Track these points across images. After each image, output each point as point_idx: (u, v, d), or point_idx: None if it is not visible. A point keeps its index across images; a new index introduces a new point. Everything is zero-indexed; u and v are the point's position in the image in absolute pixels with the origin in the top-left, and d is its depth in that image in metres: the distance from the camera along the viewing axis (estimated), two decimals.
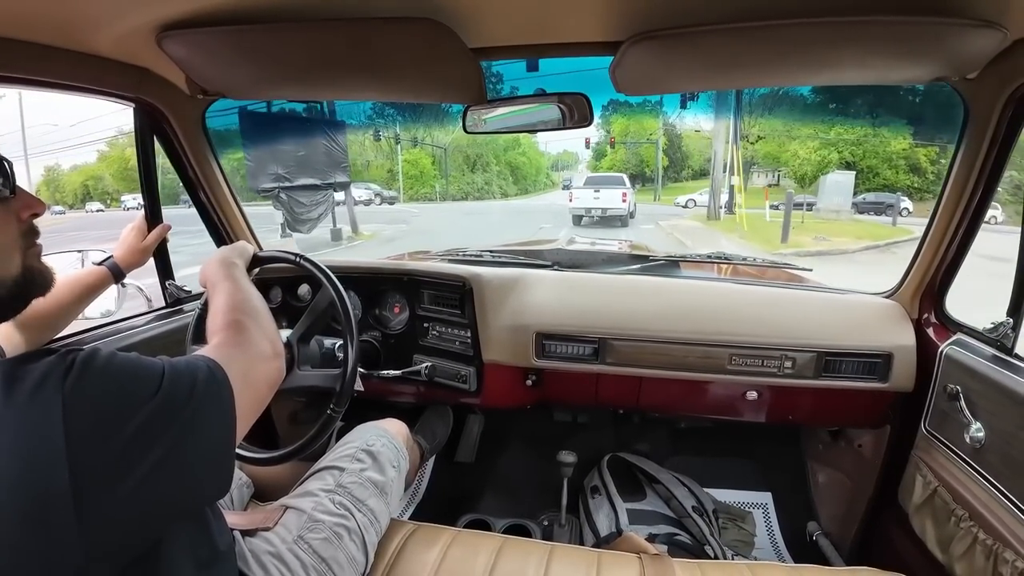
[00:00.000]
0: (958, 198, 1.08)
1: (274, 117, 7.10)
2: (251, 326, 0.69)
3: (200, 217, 1.45)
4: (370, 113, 27.74)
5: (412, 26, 0.82)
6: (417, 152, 29.87)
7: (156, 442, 0.46)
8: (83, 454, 0.41)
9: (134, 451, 0.44)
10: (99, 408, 0.44)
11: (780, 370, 1.26)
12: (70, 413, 0.42)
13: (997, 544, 0.89)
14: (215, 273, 0.84)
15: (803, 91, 19.00)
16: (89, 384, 0.44)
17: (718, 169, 15.99)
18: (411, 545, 0.98)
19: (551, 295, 1.40)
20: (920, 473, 1.13)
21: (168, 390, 0.48)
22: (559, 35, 0.99)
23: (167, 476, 0.46)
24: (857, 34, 0.79)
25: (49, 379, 0.43)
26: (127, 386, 0.47)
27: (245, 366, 0.61)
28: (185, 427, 0.49)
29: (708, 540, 1.40)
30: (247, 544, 0.80)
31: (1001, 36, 0.77)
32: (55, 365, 0.44)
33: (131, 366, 0.48)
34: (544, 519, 1.60)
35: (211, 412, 0.52)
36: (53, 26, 0.84)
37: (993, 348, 1.02)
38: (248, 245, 0.97)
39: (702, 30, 0.81)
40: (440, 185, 30.02)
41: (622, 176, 17.62)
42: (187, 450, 0.49)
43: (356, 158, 28.66)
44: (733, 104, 15.57)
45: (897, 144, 18.05)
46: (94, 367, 0.45)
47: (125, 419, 0.44)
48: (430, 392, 1.49)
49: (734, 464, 1.82)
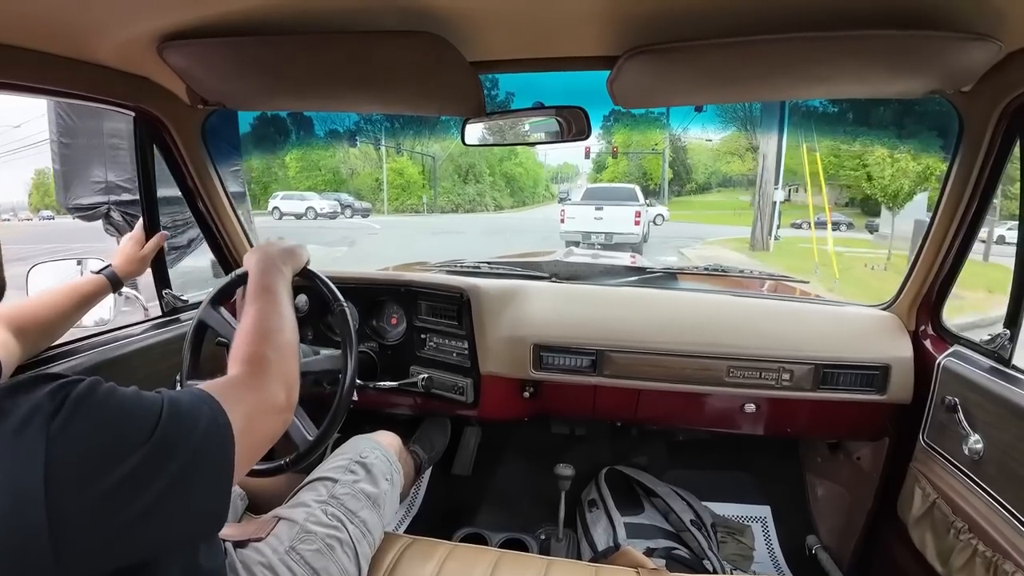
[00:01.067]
0: (954, 210, 1.08)
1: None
2: (272, 366, 0.65)
3: (198, 227, 1.45)
4: (356, 118, 27.17)
5: (412, 40, 0.83)
6: (404, 160, 28.76)
7: (145, 489, 0.43)
8: (62, 499, 0.39)
9: (118, 498, 0.42)
10: (85, 452, 0.42)
11: (778, 382, 1.26)
12: (52, 456, 0.40)
13: (997, 556, 0.88)
14: (262, 273, 0.81)
15: (815, 103, 17.10)
16: (78, 426, 0.42)
17: (768, 184, 11.97)
18: (406, 559, 0.97)
19: (549, 307, 1.40)
20: (919, 485, 1.13)
21: (164, 433, 0.46)
22: (557, 49, 1.01)
23: (154, 524, 0.44)
24: (852, 48, 0.80)
25: (36, 418, 0.41)
26: (119, 428, 0.44)
27: (251, 413, 0.58)
28: (178, 475, 0.46)
29: (707, 554, 1.39)
30: (239, 555, 0.79)
31: (995, 49, 0.78)
32: (44, 403, 0.42)
33: (128, 406, 0.46)
34: (541, 533, 1.59)
35: (208, 460, 0.49)
36: (55, 34, 0.84)
37: (991, 359, 1.03)
38: (304, 252, 0.94)
39: (698, 45, 0.82)
40: (428, 196, 28.35)
41: (633, 188, 12.97)
42: (178, 499, 0.46)
43: (339, 166, 27.99)
44: (785, 108, 11.62)
45: (928, 160, 15.01)
46: (86, 406, 0.43)
47: (113, 463, 0.42)
48: (427, 404, 1.49)
49: (732, 477, 1.81)
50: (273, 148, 25.34)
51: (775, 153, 12.08)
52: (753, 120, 25.81)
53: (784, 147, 12.22)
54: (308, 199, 20.41)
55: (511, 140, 1.33)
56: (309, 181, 26.19)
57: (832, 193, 25.26)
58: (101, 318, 1.18)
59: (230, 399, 0.54)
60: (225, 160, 2.19)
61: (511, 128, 1.27)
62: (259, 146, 22.59)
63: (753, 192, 14.84)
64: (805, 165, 10.55)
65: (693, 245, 13.16)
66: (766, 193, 11.82)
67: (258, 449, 0.60)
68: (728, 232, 15.91)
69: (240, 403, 0.56)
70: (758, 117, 21.84)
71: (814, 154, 10.48)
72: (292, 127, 27.69)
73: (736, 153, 29.70)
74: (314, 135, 27.93)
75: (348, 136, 26.28)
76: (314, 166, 27.57)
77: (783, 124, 12.10)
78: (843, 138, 16.15)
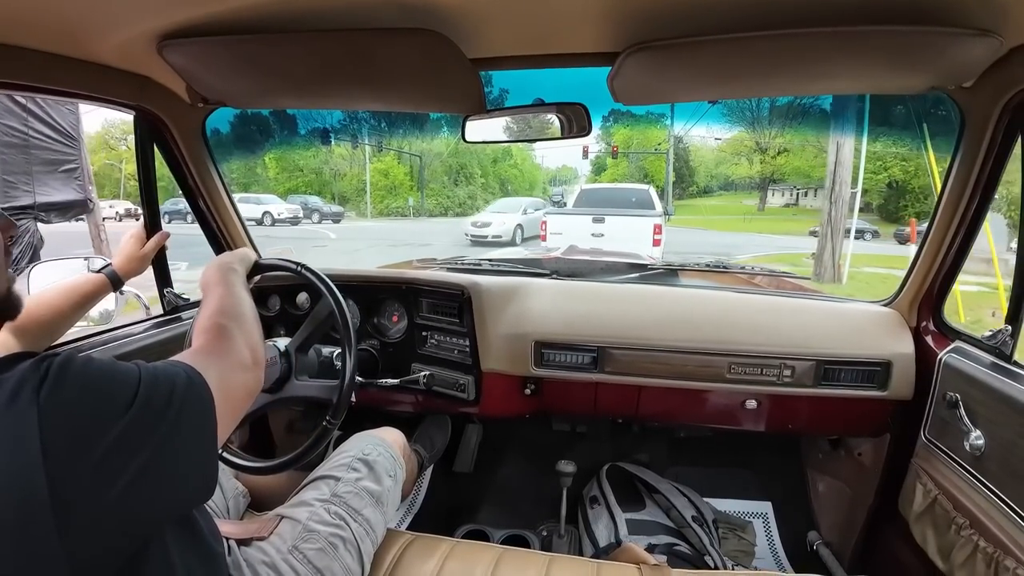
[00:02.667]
0: (955, 206, 1.08)
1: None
2: (234, 332, 0.69)
3: (199, 225, 1.45)
4: (340, 116, 25.44)
5: (412, 37, 0.83)
6: (390, 161, 26.92)
7: (138, 450, 0.45)
8: (61, 465, 0.40)
9: (115, 460, 0.43)
10: (77, 417, 0.43)
11: (779, 378, 1.26)
12: (46, 423, 0.41)
13: (998, 552, 0.88)
14: (212, 277, 0.84)
15: (824, 103, 15.80)
16: (65, 393, 0.43)
17: (842, 193, 8.04)
18: (408, 556, 0.97)
19: (550, 304, 1.40)
20: (920, 481, 1.13)
21: (147, 396, 0.47)
22: (557, 46, 1.00)
23: (150, 483, 0.46)
24: (853, 44, 0.80)
25: (24, 388, 0.42)
26: (104, 394, 0.46)
27: (223, 373, 0.60)
28: (166, 434, 0.48)
29: (708, 550, 1.39)
30: (242, 553, 0.79)
31: (997, 44, 0.78)
32: (30, 373, 0.43)
33: (108, 373, 0.47)
34: (543, 529, 1.59)
35: (191, 418, 0.52)
36: (55, 34, 0.84)
37: (992, 355, 1.03)
38: (250, 252, 0.97)
39: (698, 41, 0.82)
40: (414, 198, 26.24)
41: (646, 189, 9.22)
42: (169, 456, 0.48)
43: (322, 167, 26.23)
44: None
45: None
46: (69, 374, 0.44)
47: (105, 427, 0.44)
48: (428, 401, 1.49)
49: (734, 473, 1.82)
50: (254, 148, 23.99)
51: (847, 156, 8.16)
52: (760, 120, 24.87)
53: (863, 149, 8.63)
54: (265, 203, 17.93)
55: (511, 137, 1.33)
56: (290, 183, 24.85)
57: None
58: (106, 310, 1.18)
59: (200, 363, 0.57)
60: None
61: (511, 125, 1.27)
62: (239, 146, 21.46)
63: (795, 199, 12.50)
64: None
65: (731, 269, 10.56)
66: (839, 206, 8.09)
67: (237, 406, 0.64)
68: (747, 243, 13.73)
69: (209, 367, 0.58)
70: (767, 117, 20.64)
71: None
72: (274, 125, 25.90)
73: (743, 154, 28.79)
74: (296, 134, 26.17)
75: (330, 135, 24.39)
76: (295, 167, 26.21)
77: (862, 121, 8.44)
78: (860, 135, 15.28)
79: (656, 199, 8.80)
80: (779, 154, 24.97)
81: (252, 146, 23.89)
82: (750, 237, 15.48)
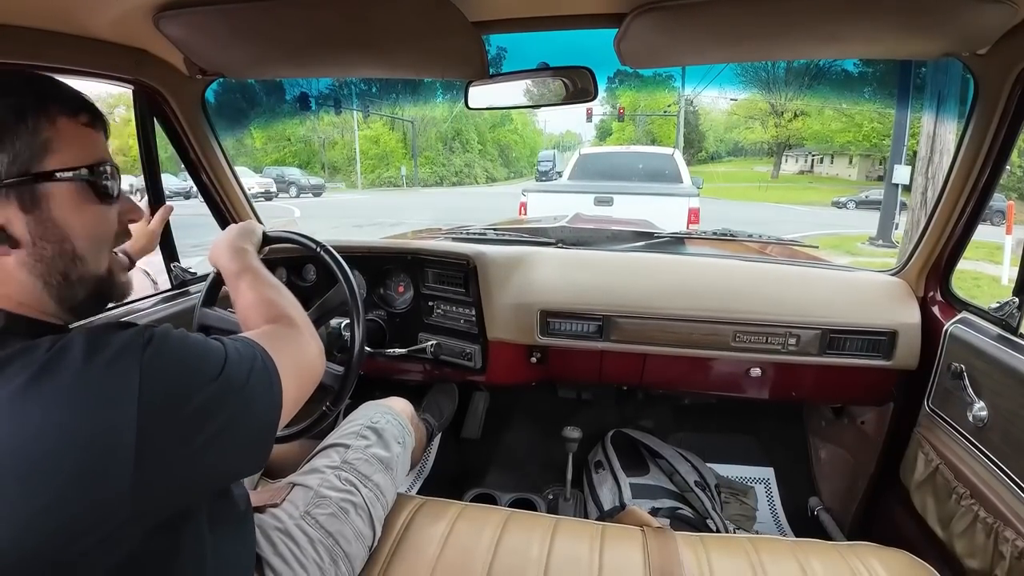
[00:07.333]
0: (966, 175, 1.06)
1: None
2: (300, 324, 0.72)
3: (202, 198, 1.45)
4: (329, 80, 22.05)
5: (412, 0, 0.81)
6: (380, 127, 25.24)
7: (214, 418, 0.49)
8: (152, 421, 0.45)
9: (195, 424, 0.48)
10: (171, 381, 0.48)
11: (784, 347, 1.26)
12: (145, 383, 0.45)
13: (998, 522, 0.90)
14: (230, 260, 0.84)
15: (847, 64, 15.00)
16: (165, 358, 0.48)
17: (942, 164, 5.57)
18: (419, 519, 1.00)
19: (555, 273, 1.40)
20: (922, 451, 1.14)
21: (229, 372, 0.52)
22: (562, 7, 0.97)
23: (217, 450, 0.50)
24: (867, 6, 0.77)
25: (129, 349, 0.47)
26: (196, 364, 0.51)
27: (295, 360, 0.64)
28: (239, 408, 0.52)
29: (710, 514, 1.43)
30: (256, 520, 0.82)
31: (1010, 12, 0.76)
32: (135, 337, 0.48)
33: (200, 346, 0.53)
34: (549, 493, 1.63)
35: (261, 397, 0.56)
36: (50, 10, 0.83)
37: (998, 327, 1.02)
38: (256, 225, 0.96)
39: (709, 1, 0.79)
40: (407, 167, 24.77)
41: (670, 154, 6.58)
42: (238, 429, 0.52)
43: (310, 135, 24.82)
44: None
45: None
46: (169, 343, 0.50)
47: (192, 394, 0.48)
48: (436, 370, 1.51)
49: (737, 440, 1.84)
50: (239, 118, 22.74)
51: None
52: (776, 81, 23.13)
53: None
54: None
55: (515, 103, 1.30)
56: (278, 154, 23.65)
57: (864, 165, 23.10)
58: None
59: (274, 349, 0.60)
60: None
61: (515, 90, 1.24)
62: (224, 115, 20.16)
63: (810, 166, 10.76)
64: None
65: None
66: (936, 182, 5.62)
67: (304, 392, 0.66)
68: (776, 220, 11.75)
69: (282, 353, 0.61)
70: (782, 78, 18.86)
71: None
72: (261, 93, 24.34)
73: (756, 118, 27.25)
74: (283, 101, 24.58)
75: (312, 101, 21.67)
76: (282, 136, 25.08)
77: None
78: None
79: (683, 168, 6.19)
80: (795, 117, 23.86)
81: (238, 116, 23.01)
82: (773, 210, 13.95)
